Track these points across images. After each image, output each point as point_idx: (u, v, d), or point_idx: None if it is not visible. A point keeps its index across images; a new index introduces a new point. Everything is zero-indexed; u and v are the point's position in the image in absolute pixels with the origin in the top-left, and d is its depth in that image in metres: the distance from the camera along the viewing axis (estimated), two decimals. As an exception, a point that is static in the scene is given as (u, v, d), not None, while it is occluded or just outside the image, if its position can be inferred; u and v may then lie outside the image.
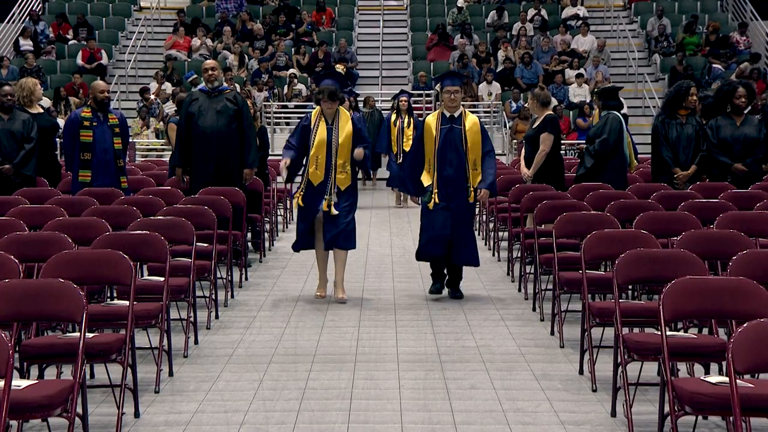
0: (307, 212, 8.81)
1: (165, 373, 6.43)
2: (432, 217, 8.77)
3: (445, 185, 8.75)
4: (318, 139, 8.72)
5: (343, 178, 8.74)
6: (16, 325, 5.07)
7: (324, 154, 8.71)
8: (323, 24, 25.40)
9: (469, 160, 8.76)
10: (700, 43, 23.73)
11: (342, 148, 8.72)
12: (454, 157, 8.74)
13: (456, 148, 8.74)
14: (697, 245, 6.29)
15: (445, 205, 8.74)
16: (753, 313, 4.65)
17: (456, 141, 8.74)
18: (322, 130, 8.76)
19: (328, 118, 8.78)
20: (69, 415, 4.57)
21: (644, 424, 5.36)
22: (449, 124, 8.78)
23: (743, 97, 9.94)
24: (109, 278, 5.81)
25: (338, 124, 8.76)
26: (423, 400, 5.92)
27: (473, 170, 8.76)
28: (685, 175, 9.90)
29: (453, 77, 9.02)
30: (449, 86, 8.82)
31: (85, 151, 10.02)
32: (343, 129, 8.75)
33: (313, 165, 8.72)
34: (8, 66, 21.97)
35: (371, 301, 8.86)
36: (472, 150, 8.75)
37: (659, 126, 10.09)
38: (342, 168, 8.73)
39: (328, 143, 8.70)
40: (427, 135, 8.84)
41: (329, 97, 8.69)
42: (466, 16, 25.26)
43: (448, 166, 8.75)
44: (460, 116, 8.82)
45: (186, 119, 10.40)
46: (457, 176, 8.75)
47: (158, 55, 24.13)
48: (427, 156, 8.83)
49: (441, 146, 8.75)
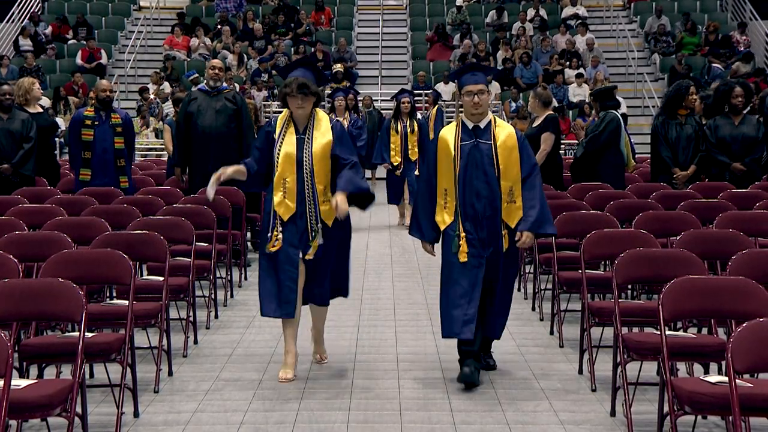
0: (278, 263, 6.24)
1: (164, 372, 6.43)
2: (459, 278, 6.13)
3: (474, 226, 6.16)
4: (284, 155, 6.24)
5: (327, 209, 6.24)
6: (15, 324, 5.06)
7: (294, 176, 6.23)
8: (322, 24, 25.41)
9: (503, 189, 6.14)
10: (699, 43, 23.75)
11: (319, 167, 6.24)
12: (482, 186, 6.16)
13: (485, 172, 6.16)
14: (697, 245, 6.29)
15: (478, 257, 6.14)
16: (752, 312, 4.66)
17: (484, 162, 6.16)
18: (289, 141, 6.27)
19: (299, 123, 6.29)
20: (68, 414, 4.57)
21: (643, 424, 5.36)
22: (473, 139, 6.20)
23: (740, 96, 9.95)
24: (109, 278, 5.81)
25: (312, 132, 6.28)
26: (422, 399, 5.92)
27: (509, 202, 6.16)
28: (685, 175, 9.90)
29: (475, 71, 6.28)
30: (471, 84, 6.21)
31: (86, 150, 10.06)
32: (320, 140, 6.27)
33: (280, 192, 6.24)
34: (8, 65, 21.97)
35: (371, 301, 8.85)
36: (506, 173, 6.15)
37: (658, 126, 10.10)
38: (324, 195, 6.25)
39: (298, 160, 6.23)
40: (443, 154, 6.23)
41: (299, 90, 6.19)
42: (466, 16, 25.27)
43: (475, 198, 6.16)
44: (488, 127, 6.22)
45: (185, 119, 10.40)
46: (488, 212, 6.17)
47: (158, 54, 24.12)
48: (443, 184, 6.22)
49: (464, 170, 6.17)
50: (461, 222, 6.15)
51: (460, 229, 6.14)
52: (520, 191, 6.14)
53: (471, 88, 6.21)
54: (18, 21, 24.20)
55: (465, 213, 6.16)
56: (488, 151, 6.17)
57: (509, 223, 6.15)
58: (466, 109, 6.31)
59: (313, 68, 6.55)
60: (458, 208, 6.16)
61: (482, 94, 6.21)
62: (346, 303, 8.51)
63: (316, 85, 6.33)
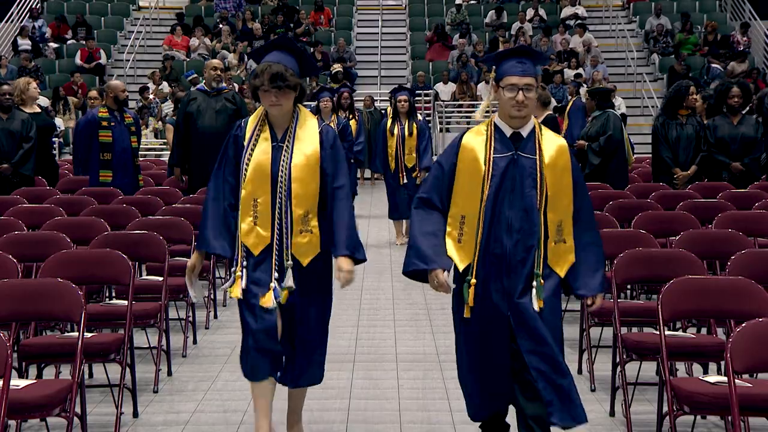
0: (246, 312, 4.81)
1: (164, 372, 6.43)
2: (475, 341, 4.55)
3: (497, 270, 4.47)
4: (255, 167, 4.71)
5: (305, 242, 4.72)
6: (14, 324, 5.07)
7: (267, 195, 4.70)
8: (322, 24, 25.42)
9: (551, 223, 4.49)
10: (698, 43, 23.77)
11: (300, 185, 4.71)
12: (517, 216, 4.46)
13: (523, 197, 4.47)
14: (696, 245, 6.29)
15: (497, 316, 4.47)
16: (751, 312, 4.66)
17: (524, 183, 4.47)
18: (263, 149, 4.74)
19: (277, 126, 4.78)
20: (67, 414, 4.57)
21: (643, 424, 5.36)
22: (511, 152, 4.51)
23: (737, 96, 9.95)
24: (108, 278, 5.81)
25: (293, 139, 4.75)
26: (422, 399, 5.92)
27: (557, 242, 4.50)
28: (685, 176, 9.90)
29: (524, 57, 4.58)
30: (516, 76, 4.52)
31: (105, 152, 10.04)
32: (304, 149, 4.74)
33: (249, 217, 4.71)
34: (7, 65, 21.96)
35: (370, 301, 8.85)
36: (556, 202, 4.49)
37: (659, 127, 10.12)
38: (303, 223, 4.71)
39: (273, 175, 4.70)
40: (467, 169, 4.52)
41: (272, 83, 4.65)
42: (465, 16, 25.27)
43: (505, 231, 4.46)
44: (532, 136, 4.55)
45: (184, 119, 10.41)
46: (521, 254, 4.47)
47: (157, 54, 24.12)
48: (460, 208, 4.52)
49: (494, 193, 4.47)
50: (476, 262, 4.46)
51: (474, 272, 4.46)
52: (571, 228, 4.50)
53: (515, 80, 4.50)
54: (17, 21, 24.20)
55: (487, 251, 4.46)
56: (531, 169, 4.47)
57: (556, 268, 4.49)
58: (503, 109, 4.55)
59: (294, 51, 4.86)
60: (477, 244, 4.46)
61: (530, 90, 4.50)
62: (346, 303, 8.51)
63: (298, 74, 4.74)
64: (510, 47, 4.87)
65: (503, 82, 4.56)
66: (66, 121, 20.49)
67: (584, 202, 4.58)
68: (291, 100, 4.73)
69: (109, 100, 10.18)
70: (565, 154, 4.53)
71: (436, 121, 20.81)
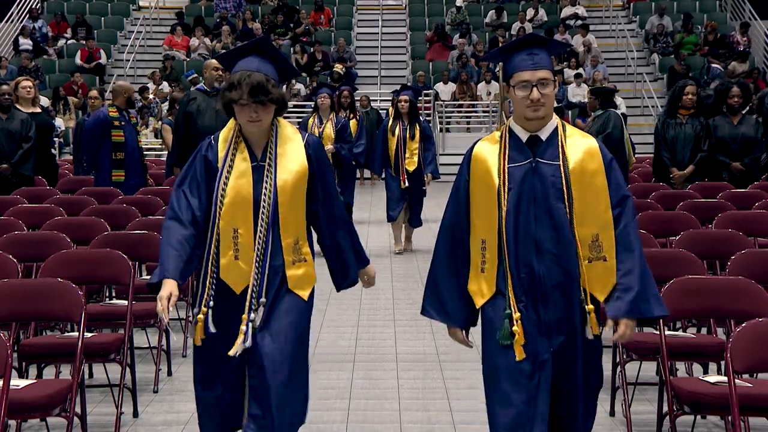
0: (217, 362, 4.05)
1: (164, 372, 6.43)
2: (511, 392, 3.82)
3: (533, 301, 3.83)
4: (234, 193, 4.03)
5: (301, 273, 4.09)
6: (14, 324, 5.07)
7: (249, 224, 4.01)
8: (322, 24, 25.42)
9: (581, 238, 3.81)
10: (698, 43, 23.78)
11: (287, 211, 4.04)
12: (545, 234, 3.82)
13: (549, 211, 3.83)
14: (696, 245, 6.29)
15: (538, 354, 3.82)
16: (751, 312, 4.66)
17: (548, 195, 3.83)
18: (240, 172, 4.05)
19: (255, 144, 4.09)
20: (67, 414, 4.58)
21: (643, 424, 5.37)
22: (529, 159, 3.87)
23: (737, 96, 9.95)
24: (108, 278, 5.81)
25: (275, 156, 4.06)
26: (422, 399, 5.92)
27: (594, 259, 3.83)
28: (681, 175, 9.90)
29: (535, 47, 3.89)
30: (527, 70, 3.85)
31: (118, 151, 10.05)
32: (289, 165, 4.07)
33: (229, 251, 4.01)
34: (7, 66, 21.97)
35: (370, 301, 8.85)
36: (585, 213, 3.83)
37: (659, 127, 10.14)
38: (295, 252, 4.07)
39: (256, 201, 4.02)
40: (479, 183, 3.91)
41: (253, 97, 3.98)
42: (465, 16, 25.28)
43: (534, 253, 3.82)
44: (554, 138, 3.90)
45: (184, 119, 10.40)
46: (557, 277, 3.82)
47: (157, 54, 24.13)
48: (479, 232, 3.90)
49: (514, 209, 3.83)
50: (512, 292, 3.80)
51: (512, 304, 3.79)
52: (612, 242, 3.82)
53: (526, 75, 3.83)
54: (17, 21, 24.21)
55: (518, 278, 3.81)
56: (555, 177, 3.83)
57: (595, 293, 3.83)
58: (518, 110, 3.90)
59: (273, 56, 4.15)
60: (506, 270, 3.82)
61: (546, 85, 3.83)
62: (346, 303, 8.51)
63: (278, 84, 4.11)
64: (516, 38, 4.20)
65: (513, 80, 3.86)
66: (66, 121, 20.50)
67: (621, 209, 3.85)
68: (271, 114, 4.05)
69: (120, 100, 10.18)
70: (596, 157, 3.86)
71: (436, 121, 20.82)
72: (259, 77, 4.00)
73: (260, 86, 3.98)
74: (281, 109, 4.11)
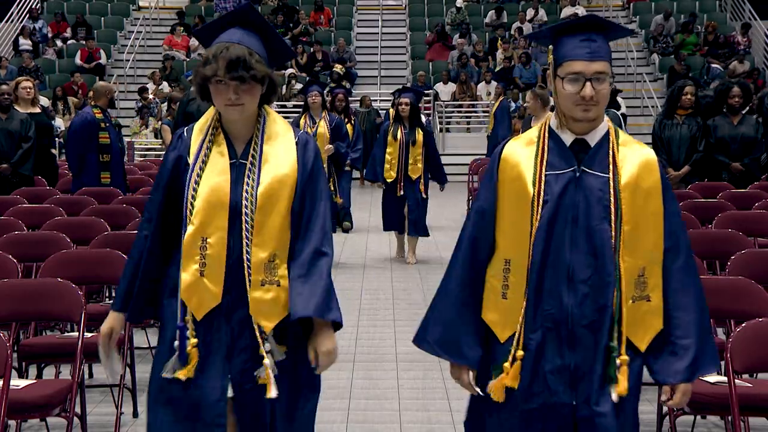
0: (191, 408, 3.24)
1: (164, 372, 6.42)
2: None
3: (558, 340, 3.12)
4: (208, 194, 3.23)
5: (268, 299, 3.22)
6: (14, 324, 5.06)
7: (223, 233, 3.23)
8: (322, 24, 25.43)
9: (626, 271, 3.10)
10: (698, 43, 23.79)
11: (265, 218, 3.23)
12: (582, 260, 3.11)
13: (590, 233, 3.11)
14: (696, 245, 6.23)
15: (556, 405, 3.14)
16: (751, 312, 4.66)
17: (591, 213, 3.12)
18: (217, 169, 3.27)
19: (236, 136, 3.32)
20: (67, 414, 4.57)
21: (643, 424, 5.33)
22: (572, 167, 3.16)
23: (737, 96, 9.96)
24: (108, 278, 5.80)
25: (260, 153, 3.27)
26: (422, 399, 5.93)
27: (638, 298, 3.13)
28: (676, 176, 9.90)
29: (593, 33, 3.20)
30: (581, 60, 3.13)
31: (105, 153, 9.93)
32: (276, 166, 3.27)
33: (193, 264, 3.24)
34: (7, 66, 21.98)
35: (370, 301, 8.85)
36: (637, 241, 3.12)
37: (656, 127, 10.16)
38: (266, 271, 3.22)
39: (233, 206, 3.23)
40: (509, 191, 3.19)
41: (230, 72, 3.17)
42: (465, 16, 25.29)
43: (565, 283, 3.11)
44: (604, 143, 3.18)
45: (184, 119, 10.39)
46: (589, 315, 3.10)
47: (157, 54, 24.14)
48: (504, 250, 3.19)
49: (548, 226, 3.12)
50: (523, 325, 3.12)
51: (519, 341, 3.13)
52: (658, 279, 3.15)
53: (579, 66, 3.12)
54: (17, 21, 24.21)
55: (538, 311, 3.12)
56: (602, 193, 3.12)
57: (635, 340, 3.14)
58: (563, 108, 3.18)
59: (261, 28, 3.34)
60: (527, 299, 3.13)
61: (602, 81, 3.12)
62: (345, 303, 8.51)
63: (266, 60, 3.28)
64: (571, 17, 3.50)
65: (562, 70, 3.14)
66: (66, 121, 20.49)
67: (680, 241, 3.17)
68: (256, 98, 3.25)
69: (103, 100, 10.10)
70: (654, 173, 3.15)
71: (436, 121, 20.83)
72: (240, 50, 3.19)
73: (241, 60, 3.17)
74: (270, 94, 3.30)
